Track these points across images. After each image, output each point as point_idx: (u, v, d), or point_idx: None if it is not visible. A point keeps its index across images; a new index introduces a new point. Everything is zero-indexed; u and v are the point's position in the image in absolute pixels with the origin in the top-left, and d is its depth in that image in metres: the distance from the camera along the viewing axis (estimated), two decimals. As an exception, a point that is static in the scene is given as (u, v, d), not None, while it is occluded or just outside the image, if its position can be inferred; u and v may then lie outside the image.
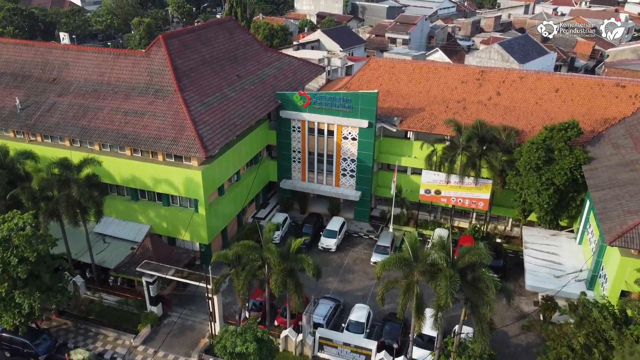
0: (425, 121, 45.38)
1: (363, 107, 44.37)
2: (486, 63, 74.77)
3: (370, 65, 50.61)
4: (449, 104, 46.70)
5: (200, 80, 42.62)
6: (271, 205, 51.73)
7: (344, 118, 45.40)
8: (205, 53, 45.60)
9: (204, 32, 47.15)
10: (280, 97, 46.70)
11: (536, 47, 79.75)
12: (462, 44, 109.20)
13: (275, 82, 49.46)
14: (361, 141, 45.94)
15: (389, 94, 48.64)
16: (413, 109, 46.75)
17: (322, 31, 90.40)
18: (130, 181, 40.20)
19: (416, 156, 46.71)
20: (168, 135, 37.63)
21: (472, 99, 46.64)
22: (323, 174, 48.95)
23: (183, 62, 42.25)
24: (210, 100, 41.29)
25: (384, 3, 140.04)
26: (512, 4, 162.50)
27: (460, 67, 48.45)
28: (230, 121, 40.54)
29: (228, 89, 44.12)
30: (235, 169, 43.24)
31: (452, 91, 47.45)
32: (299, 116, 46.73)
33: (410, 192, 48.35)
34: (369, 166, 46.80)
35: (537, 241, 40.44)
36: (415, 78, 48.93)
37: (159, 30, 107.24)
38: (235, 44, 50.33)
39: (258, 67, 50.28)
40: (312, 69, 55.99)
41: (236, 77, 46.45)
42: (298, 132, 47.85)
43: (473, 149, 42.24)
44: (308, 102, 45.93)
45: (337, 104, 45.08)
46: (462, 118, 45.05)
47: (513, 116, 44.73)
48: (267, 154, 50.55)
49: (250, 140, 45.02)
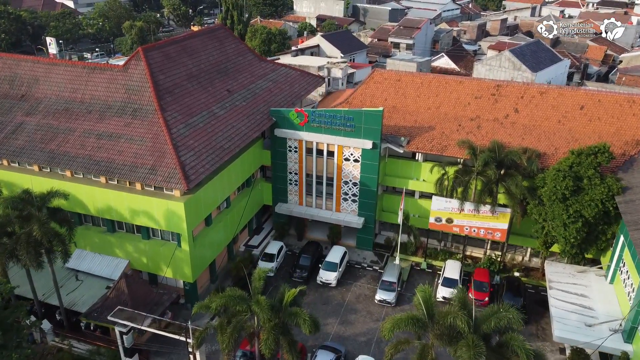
0: (436, 142, 40.94)
1: (367, 126, 39.92)
2: (496, 71, 70.32)
3: (374, 78, 46.15)
4: (461, 121, 42.25)
5: (185, 97, 38.19)
6: (266, 231, 47.29)
7: (346, 138, 40.95)
8: (192, 66, 41.15)
9: (191, 42, 42.67)
10: (275, 114, 42.27)
11: (548, 53, 75.26)
12: (468, 48, 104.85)
13: (270, 96, 45.02)
14: (364, 163, 41.49)
15: (395, 110, 44.18)
16: (422, 127, 42.30)
17: (322, 36, 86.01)
18: (105, 212, 35.80)
19: (425, 179, 42.28)
20: (146, 162, 33.18)
21: (487, 116, 42.18)
22: (322, 198, 44.50)
23: (165, 78, 37.81)
24: (196, 120, 36.86)
25: (386, 5, 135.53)
26: (518, 5, 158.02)
27: (474, 80, 43.98)
28: (217, 144, 36.10)
29: (217, 107, 39.69)
30: (224, 195, 38.82)
31: (464, 108, 42.98)
32: (295, 135, 42.30)
33: (418, 217, 43.93)
34: (373, 190, 42.34)
35: (562, 280, 35.96)
36: (424, 92, 44.46)
37: (152, 35, 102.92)
38: (226, 54, 45.89)
39: (251, 79, 45.85)
40: (310, 80, 51.55)
41: (226, 93, 42.02)
42: (295, 152, 43.41)
43: (489, 174, 37.81)
44: (305, 120, 41.50)
45: (337, 123, 40.64)
46: (476, 138, 40.62)
47: (533, 136, 40.27)
48: (261, 175, 46.14)
49: (242, 163, 40.60)
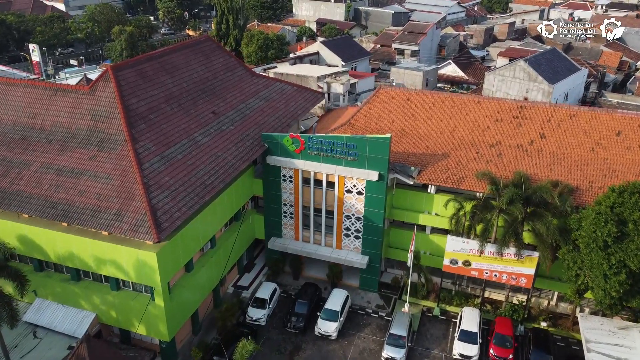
0: (451, 172, 35.77)
1: (372, 155, 34.78)
2: (510, 83, 65.10)
3: (379, 97, 40.95)
4: (479, 148, 37.06)
5: (162, 123, 33.04)
6: (258, 267, 42.12)
7: (348, 168, 35.82)
8: (172, 85, 35.99)
9: (171, 58, 37.47)
10: (267, 139, 37.12)
11: (565, 63, 69.99)
12: (476, 54, 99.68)
13: (262, 117, 39.86)
14: (369, 196, 36.35)
15: (403, 134, 39.00)
16: (434, 154, 37.13)
17: (322, 43, 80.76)
18: (66, 259, 30.66)
19: (438, 213, 37.16)
20: (111, 205, 28.01)
21: (509, 142, 37.00)
22: (321, 233, 39.34)
23: (139, 101, 32.65)
24: (174, 151, 31.70)
25: (389, 8, 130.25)
26: (525, 8, 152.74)
27: (493, 100, 38.75)
28: (198, 180, 30.94)
29: (200, 133, 34.54)
30: (208, 236, 33.69)
31: (483, 132, 37.80)
32: (290, 164, 37.15)
33: (429, 255, 38.82)
34: (378, 227, 37.17)
35: (601, 339, 30.77)
36: (437, 114, 39.28)
37: (143, 40, 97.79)
38: (212, 70, 40.72)
39: (241, 98, 40.68)
40: (308, 96, 46.37)
41: (211, 115, 36.86)
42: (290, 182, 38.26)
43: (514, 213, 32.66)
44: (302, 146, 36.35)
45: (338, 151, 35.50)
46: (497, 168, 35.47)
47: (563, 167, 35.09)
48: (253, 205, 41.00)
49: (230, 195, 35.47)
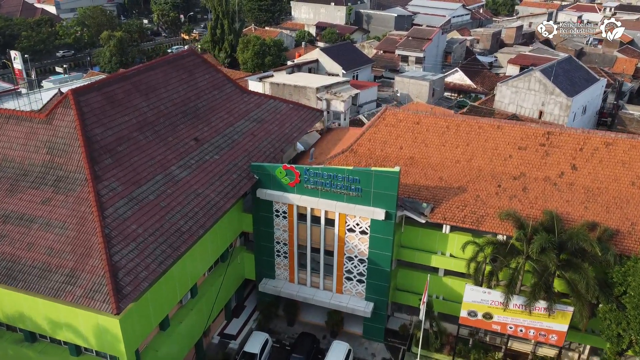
0: (469, 209, 30.99)
1: (378, 191, 30.01)
2: (524, 95, 60.31)
3: (385, 119, 36.14)
4: (501, 181, 32.28)
5: (134, 156, 28.26)
6: (248, 310, 37.31)
7: (350, 205, 31.04)
8: (147, 109, 31.20)
9: (147, 76, 32.65)
10: (258, 170, 32.35)
11: (583, 72, 65.21)
12: (483, 60, 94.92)
13: (253, 143, 35.09)
14: (374, 237, 31.58)
15: (413, 162, 34.22)
16: (449, 187, 32.35)
17: (322, 50, 76.01)
18: (17, 320, 25.87)
19: (453, 254, 32.43)
20: (64, 263, 23.21)
21: (536, 174, 32.22)
22: (319, 275, 34.59)
23: (105, 131, 27.86)
24: (145, 190, 26.90)
25: (391, 11, 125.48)
26: (532, 10, 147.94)
27: (516, 126, 33.92)
28: (174, 226, 26.13)
29: (178, 165, 29.75)
30: (187, 286, 28.89)
31: (505, 162, 33.01)
32: (283, 198, 32.38)
33: (442, 299, 34.11)
34: (385, 271, 32.40)
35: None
36: (451, 140, 34.49)
37: (134, 46, 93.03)
38: (196, 88, 35.95)
39: (229, 121, 35.92)
40: (305, 115, 41.58)
41: (193, 143, 32.09)
42: (283, 218, 33.49)
43: (545, 261, 27.90)
44: (297, 179, 31.58)
45: (339, 185, 30.72)
46: (522, 206, 30.68)
47: (599, 205, 30.29)
48: (242, 242, 36.25)
49: (214, 235, 30.68)
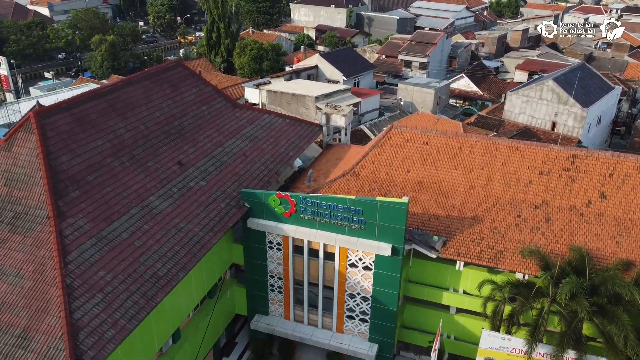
0: (485, 243, 27.57)
1: (384, 223, 26.61)
2: (536, 105, 56.92)
3: (391, 139, 32.70)
4: (521, 210, 28.85)
5: (106, 186, 24.85)
6: (239, 349, 33.87)
7: (352, 238, 27.66)
8: (124, 131, 27.78)
9: (125, 92, 29.21)
10: (248, 198, 28.94)
11: (597, 81, 61.79)
12: (489, 65, 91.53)
13: (244, 165, 31.68)
14: (379, 273, 28.17)
15: (422, 187, 30.81)
16: (463, 217, 28.93)
17: (321, 55, 72.61)
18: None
19: (467, 291, 29.05)
20: (15, 321, 19.74)
21: (560, 202, 28.79)
22: (318, 312, 31.19)
23: (73, 158, 24.44)
24: (118, 227, 23.48)
25: (393, 13, 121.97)
26: (537, 12, 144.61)
27: (537, 147, 30.44)
28: (149, 270, 22.68)
29: (158, 195, 26.32)
30: (167, 333, 25.49)
31: (524, 188, 29.58)
32: (278, 229, 28.97)
33: (454, 340, 30.72)
34: (391, 310, 28.96)
35: None
36: (464, 162, 31.05)
37: (127, 50, 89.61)
38: (182, 104, 32.55)
39: (219, 140, 32.51)
40: (302, 131, 38.19)
41: (177, 167, 28.68)
42: (278, 250, 30.07)
43: (575, 308, 24.49)
44: (292, 209, 28.16)
45: (339, 216, 27.32)
46: (546, 240, 27.26)
47: (633, 239, 26.83)
48: (232, 272, 32.86)
49: (199, 271, 27.30)
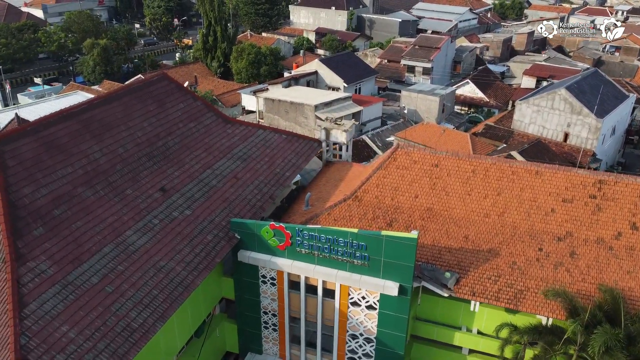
0: (504, 281, 24.66)
1: (390, 260, 23.71)
2: (547, 115, 54.05)
3: (396, 160, 29.77)
4: (542, 242, 25.94)
5: (76, 220, 21.93)
6: (230, 388, 31.13)
7: (354, 275, 24.74)
8: (100, 155, 24.85)
9: (102, 112, 26.24)
10: (238, 228, 26.03)
11: (611, 88, 58.93)
12: (494, 69, 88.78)
13: (235, 190, 28.76)
14: (384, 314, 25.25)
15: (431, 215, 27.89)
16: (477, 250, 26.03)
17: (321, 61, 69.87)
18: None
19: (482, 331, 26.14)
20: (-41, 391, 17.02)
21: (586, 234, 25.87)
22: (316, 353, 28.27)
23: (38, 190, 21.52)
24: (87, 270, 20.53)
25: (395, 16, 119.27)
26: (541, 14, 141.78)
27: (559, 171, 27.50)
28: (122, 321, 19.74)
29: (136, 229, 23.39)
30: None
31: (546, 217, 26.65)
32: (271, 263, 26.05)
33: (466, 382, 27.85)
34: (398, 354, 25.99)
35: None
36: (478, 187, 28.13)
37: (120, 55, 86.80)
38: (167, 122, 29.64)
39: (207, 161, 29.60)
40: (300, 149, 35.26)
41: (159, 195, 25.77)
42: (272, 285, 27.16)
43: (606, 357, 21.62)
44: (288, 242, 25.26)
45: (340, 251, 24.41)
46: (571, 277, 24.35)
47: (670, 277, 24.03)
48: (222, 306, 29.96)
49: (183, 312, 24.38)
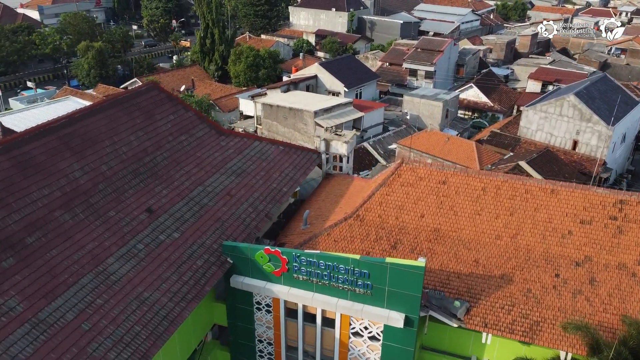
0: (518, 311, 22.74)
1: (395, 290, 21.81)
2: (555, 122, 52.12)
3: (401, 177, 27.84)
4: (559, 267, 24.03)
5: (52, 248, 19.99)
6: (223, 418, 29.18)
7: (356, 304, 22.86)
8: (80, 174, 22.94)
9: (84, 126, 24.28)
10: (231, 252, 24.13)
11: (619, 93, 56.96)
12: (498, 72, 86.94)
13: (228, 208, 26.83)
14: (389, 345, 23.32)
15: (438, 237, 25.96)
16: (489, 276, 24.11)
17: (321, 65, 67.93)
18: None
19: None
20: None
21: (606, 258, 23.96)
22: (315, 383, 26.43)
23: (9, 215, 19.47)
24: (61, 306, 18.57)
25: (397, 17, 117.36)
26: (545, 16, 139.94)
27: (576, 191, 25.56)
28: (98, 363, 17.92)
29: (118, 255, 21.46)
30: None
31: (562, 240, 24.74)
32: (266, 290, 24.15)
33: (476, 415, 25.91)
34: (402, 388, 24.22)
35: None
36: (489, 207, 26.20)
37: (115, 57, 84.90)
38: (156, 135, 27.73)
39: (199, 177, 27.69)
40: (299, 161, 33.36)
41: (145, 216, 23.87)
42: (267, 312, 25.26)
43: (633, 400, 19.73)
44: (284, 267, 23.36)
45: (341, 278, 22.51)
46: (592, 307, 22.42)
47: (699, 308, 22.11)
48: (214, 334, 28.05)
49: (171, 342, 22.47)
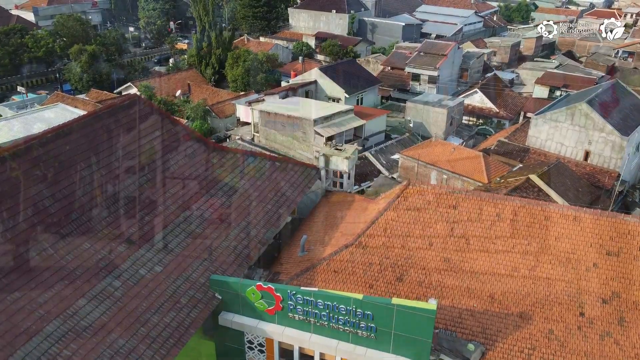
0: (539, 355, 20.29)
1: (403, 334, 19.45)
2: (565, 131, 49.73)
3: (407, 200, 25.45)
4: (584, 305, 21.65)
5: (12, 291, 17.61)
6: None
7: (358, 348, 20.49)
8: (51, 202, 20.51)
9: (57, 147, 21.80)
10: (219, 287, 21.77)
11: (632, 100, 54.57)
12: (503, 76, 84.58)
13: (218, 234, 24.41)
14: (394, 392, 21.05)
15: (449, 269, 23.58)
16: (505, 314, 21.73)
17: (321, 70, 65.58)
18: None
19: (509, 408, 21.86)
20: None
21: (635, 295, 21.54)
22: None
23: (-38, 255, 17.32)
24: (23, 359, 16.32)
25: (398, 19, 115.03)
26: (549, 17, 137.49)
27: (602, 218, 23.17)
28: None
29: (90, 296, 19.05)
30: None
31: (587, 274, 22.36)
32: (259, 330, 21.80)
33: None
34: None
35: None
36: (504, 235, 23.78)
37: (110, 61, 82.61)
38: (139, 154, 25.27)
39: (186, 200, 25.27)
40: (296, 179, 30.97)
41: (124, 247, 21.49)
42: (260, 352, 22.91)
43: None
44: (278, 306, 21.01)
45: (341, 320, 20.16)
46: (622, 352, 20.04)
47: None
48: (204, 369, 25.74)
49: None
